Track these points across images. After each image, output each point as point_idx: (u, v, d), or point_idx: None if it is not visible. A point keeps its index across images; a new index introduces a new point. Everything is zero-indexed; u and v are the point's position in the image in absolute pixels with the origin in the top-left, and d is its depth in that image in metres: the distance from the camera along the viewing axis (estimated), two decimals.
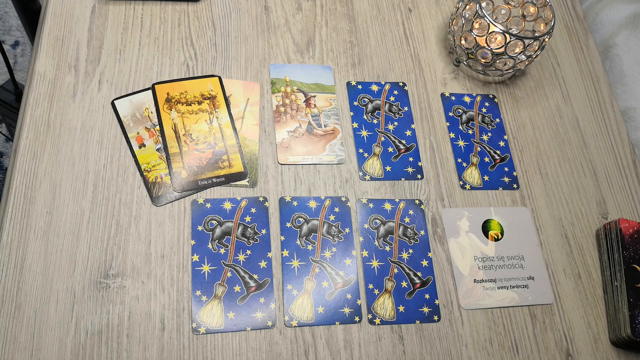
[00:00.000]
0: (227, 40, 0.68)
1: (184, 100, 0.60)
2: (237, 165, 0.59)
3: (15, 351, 0.48)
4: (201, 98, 0.61)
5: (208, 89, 0.62)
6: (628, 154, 0.72)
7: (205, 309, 0.53)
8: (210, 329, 0.52)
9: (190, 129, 0.60)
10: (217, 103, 0.62)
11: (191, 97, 0.61)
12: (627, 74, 0.78)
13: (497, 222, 0.64)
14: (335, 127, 0.65)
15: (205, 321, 0.52)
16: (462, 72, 0.73)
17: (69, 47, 0.63)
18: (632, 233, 0.62)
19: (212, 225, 0.57)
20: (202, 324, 0.52)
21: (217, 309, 0.53)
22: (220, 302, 0.53)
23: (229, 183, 0.58)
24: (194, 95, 0.61)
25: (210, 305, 0.53)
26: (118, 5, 0.67)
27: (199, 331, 0.52)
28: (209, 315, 0.53)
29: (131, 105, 0.60)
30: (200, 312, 0.53)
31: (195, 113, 0.61)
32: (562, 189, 0.68)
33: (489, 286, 0.60)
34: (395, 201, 0.62)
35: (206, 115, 0.61)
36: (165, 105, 0.60)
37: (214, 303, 0.53)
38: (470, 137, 0.68)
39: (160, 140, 0.58)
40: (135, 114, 0.59)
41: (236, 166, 0.59)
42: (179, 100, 0.60)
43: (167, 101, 0.60)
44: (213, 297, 0.53)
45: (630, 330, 0.57)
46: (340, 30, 0.72)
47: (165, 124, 0.59)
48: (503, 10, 0.71)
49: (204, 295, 0.53)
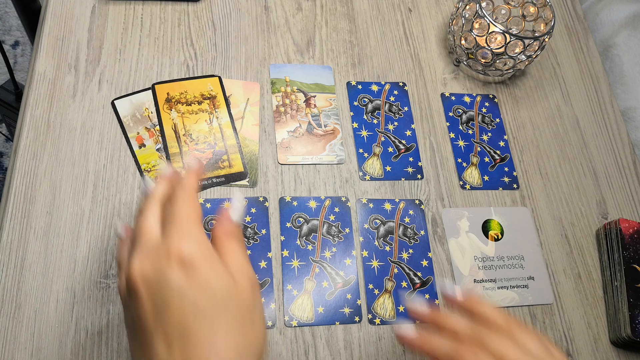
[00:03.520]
0: (227, 40, 0.68)
1: (184, 100, 0.60)
2: (237, 165, 0.59)
3: (16, 351, 0.48)
4: (201, 98, 0.61)
5: (208, 89, 0.62)
6: (628, 154, 0.72)
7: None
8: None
9: (190, 129, 0.60)
10: (217, 103, 0.62)
11: (191, 97, 0.61)
12: (627, 74, 0.78)
13: (497, 222, 0.64)
14: (335, 127, 0.65)
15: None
16: (462, 72, 0.73)
17: (69, 47, 0.63)
18: (632, 233, 0.62)
19: (212, 226, 0.57)
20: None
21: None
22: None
23: (229, 183, 0.58)
24: (194, 95, 0.61)
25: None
26: (118, 5, 0.67)
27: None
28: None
29: (131, 105, 0.60)
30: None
31: (195, 113, 0.61)
32: (562, 189, 0.68)
33: (489, 286, 0.60)
34: (395, 201, 0.62)
35: (206, 115, 0.61)
36: (165, 105, 0.60)
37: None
38: (470, 137, 0.68)
39: (160, 140, 0.58)
40: (135, 114, 0.59)
41: (236, 166, 0.59)
42: (179, 100, 0.60)
43: (167, 101, 0.60)
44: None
45: (630, 330, 0.57)
46: (340, 30, 0.72)
47: (165, 124, 0.59)
48: (503, 10, 0.71)
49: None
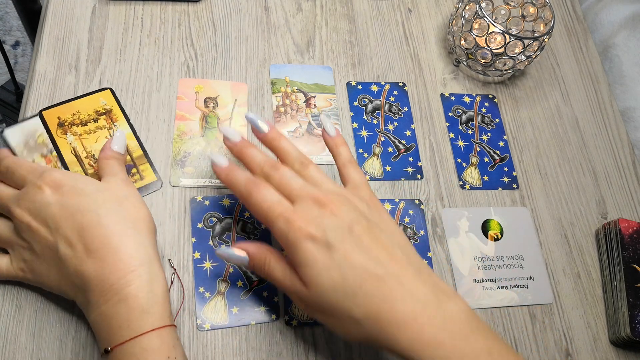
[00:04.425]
0: (228, 41, 0.68)
1: (77, 122, 0.56)
2: (148, 175, 0.57)
3: (16, 351, 0.48)
4: (96, 115, 0.57)
5: (101, 104, 0.58)
6: (627, 154, 0.72)
7: (209, 305, 0.53)
8: (215, 325, 0.52)
9: (92, 149, 0.56)
10: (114, 116, 0.58)
11: (85, 117, 0.57)
12: (627, 74, 0.78)
13: (497, 222, 0.64)
14: (335, 128, 0.65)
15: (210, 317, 0.52)
16: (462, 73, 0.73)
17: (70, 48, 0.63)
18: (631, 233, 0.62)
19: (212, 222, 0.57)
20: (207, 320, 0.52)
21: (221, 304, 0.53)
22: (223, 297, 0.53)
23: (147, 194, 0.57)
24: (87, 114, 0.57)
25: (214, 302, 0.53)
26: (118, 5, 0.67)
27: (204, 327, 0.52)
28: (213, 311, 0.53)
29: (22, 133, 0.56)
30: (204, 309, 0.53)
31: (93, 132, 0.57)
32: (561, 189, 0.68)
33: (489, 286, 0.60)
34: (395, 201, 0.62)
35: (105, 132, 0.57)
36: (59, 130, 0.56)
37: (217, 299, 0.53)
38: (470, 137, 0.68)
39: (60, 165, 0.55)
40: (28, 142, 0.55)
41: (148, 176, 0.57)
42: (73, 123, 0.56)
43: (59, 126, 0.56)
44: (216, 294, 0.54)
45: (630, 330, 0.58)
46: (340, 31, 0.72)
47: (63, 150, 0.55)
48: (503, 11, 0.71)
49: (207, 292, 0.53)
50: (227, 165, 0.50)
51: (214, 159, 0.50)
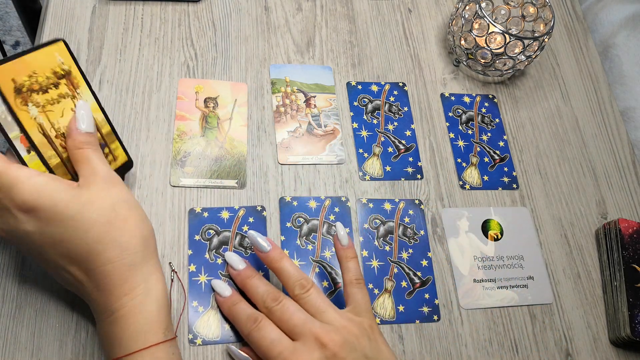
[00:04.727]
0: (228, 41, 0.68)
1: (37, 87, 0.46)
2: (120, 155, 0.53)
3: (16, 351, 0.48)
4: (55, 78, 0.47)
5: (58, 62, 0.47)
6: (627, 154, 0.72)
7: (202, 320, 0.52)
8: (207, 340, 0.51)
9: (60, 125, 0.47)
10: (74, 80, 0.48)
11: (43, 79, 0.46)
12: (627, 74, 0.78)
13: (497, 222, 0.64)
14: (335, 127, 0.65)
15: (202, 332, 0.52)
16: (462, 73, 0.73)
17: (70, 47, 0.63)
18: (631, 233, 0.62)
19: (210, 235, 0.56)
20: (199, 335, 0.51)
21: (214, 319, 0.52)
22: (217, 312, 0.52)
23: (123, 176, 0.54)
24: (46, 76, 0.46)
25: (207, 316, 0.52)
26: (118, 5, 0.67)
27: (196, 342, 0.51)
28: (206, 326, 0.52)
29: None
30: (197, 323, 0.52)
31: (57, 102, 0.47)
32: (561, 189, 0.68)
33: (489, 286, 0.60)
34: (395, 201, 0.62)
35: (70, 103, 0.48)
36: (18, 100, 0.44)
37: (210, 314, 0.52)
38: (469, 137, 0.68)
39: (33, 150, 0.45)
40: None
41: (120, 156, 0.53)
42: (31, 88, 0.45)
43: (17, 92, 0.44)
44: (210, 308, 0.53)
45: (630, 330, 0.58)
46: (340, 31, 0.72)
47: (28, 127, 0.45)
48: (503, 11, 0.71)
49: (200, 305, 0.53)
50: (230, 296, 0.51)
51: (217, 290, 0.51)
